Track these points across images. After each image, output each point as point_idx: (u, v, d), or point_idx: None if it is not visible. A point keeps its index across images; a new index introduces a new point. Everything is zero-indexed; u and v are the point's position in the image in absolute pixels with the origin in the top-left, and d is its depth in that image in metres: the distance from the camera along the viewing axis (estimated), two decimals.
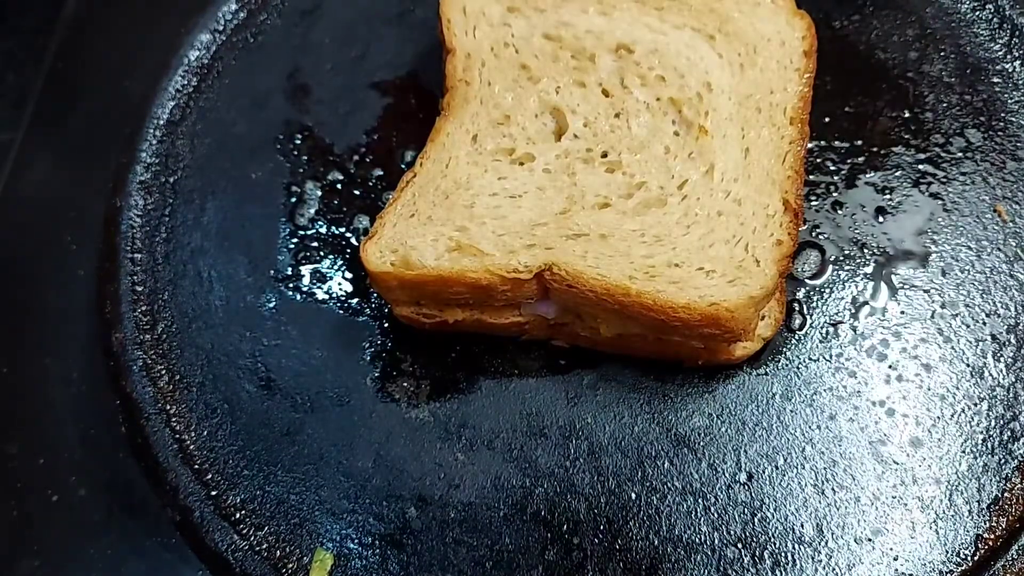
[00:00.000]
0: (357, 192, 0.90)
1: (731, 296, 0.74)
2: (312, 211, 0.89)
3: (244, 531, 0.77)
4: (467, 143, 0.83)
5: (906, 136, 0.88)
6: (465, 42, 0.86)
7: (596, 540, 0.75)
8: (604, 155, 0.82)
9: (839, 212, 0.85)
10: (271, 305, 0.85)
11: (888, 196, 0.86)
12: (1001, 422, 0.77)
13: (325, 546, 0.76)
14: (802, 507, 0.75)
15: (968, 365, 0.79)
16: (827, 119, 0.89)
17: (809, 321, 0.81)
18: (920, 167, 0.86)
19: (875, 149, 0.87)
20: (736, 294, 0.74)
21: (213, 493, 0.79)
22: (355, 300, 0.85)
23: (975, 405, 0.78)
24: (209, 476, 0.79)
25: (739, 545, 0.74)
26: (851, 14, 0.94)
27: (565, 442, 0.78)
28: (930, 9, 0.94)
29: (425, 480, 0.78)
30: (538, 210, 0.79)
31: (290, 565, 0.76)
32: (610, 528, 0.75)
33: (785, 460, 0.76)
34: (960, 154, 0.87)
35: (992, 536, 0.74)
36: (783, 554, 0.74)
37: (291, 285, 0.86)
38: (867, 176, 0.87)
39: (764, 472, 0.76)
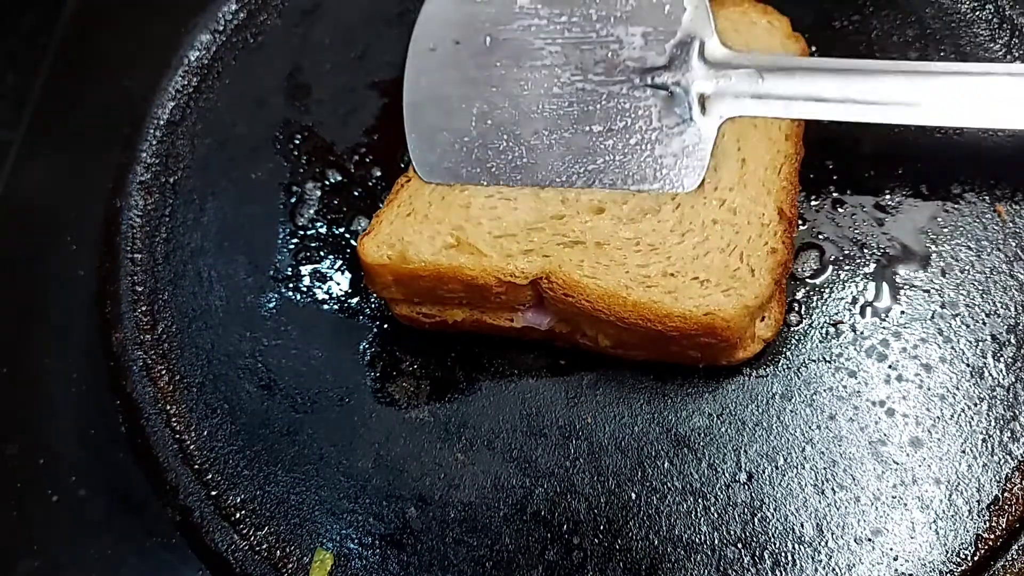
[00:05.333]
0: (357, 192, 0.90)
1: (726, 305, 0.74)
2: (312, 211, 0.89)
3: (244, 531, 0.77)
4: None
5: (906, 136, 0.88)
6: None
7: (596, 540, 0.75)
8: None
9: (839, 212, 0.85)
10: (271, 305, 0.85)
11: (888, 196, 0.86)
12: (1001, 422, 0.77)
13: (325, 546, 0.76)
14: (802, 507, 0.75)
15: (968, 365, 0.79)
16: None
17: (809, 321, 0.81)
18: (920, 167, 0.86)
19: (875, 149, 0.87)
20: (731, 303, 0.74)
21: (213, 493, 0.79)
22: (355, 300, 0.85)
23: (975, 405, 0.77)
24: (209, 476, 0.79)
25: (739, 545, 0.74)
26: (851, 14, 0.94)
27: (565, 442, 0.78)
28: (930, 9, 0.94)
29: (425, 480, 0.78)
30: (534, 213, 0.79)
31: (290, 565, 0.76)
32: (610, 528, 0.75)
33: (785, 460, 0.76)
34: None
35: (992, 536, 0.74)
36: (783, 554, 0.74)
37: (291, 285, 0.86)
38: (867, 176, 0.87)
39: (764, 472, 0.76)
